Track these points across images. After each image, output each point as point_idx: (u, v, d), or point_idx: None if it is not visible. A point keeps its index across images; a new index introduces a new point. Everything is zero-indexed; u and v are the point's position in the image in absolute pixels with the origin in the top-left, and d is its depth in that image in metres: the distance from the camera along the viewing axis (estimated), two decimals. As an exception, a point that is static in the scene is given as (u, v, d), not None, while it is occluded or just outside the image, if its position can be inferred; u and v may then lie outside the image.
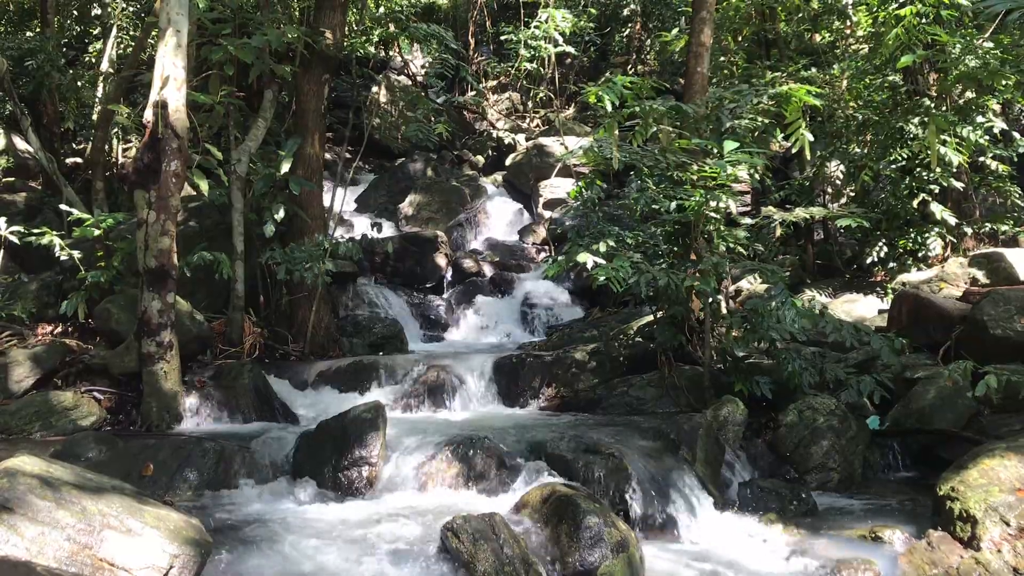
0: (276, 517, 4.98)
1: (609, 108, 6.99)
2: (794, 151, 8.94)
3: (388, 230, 13.98)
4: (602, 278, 6.63)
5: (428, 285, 12.57)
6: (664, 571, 4.60)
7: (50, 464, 3.91)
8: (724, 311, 7.97)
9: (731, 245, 7.74)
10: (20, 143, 14.66)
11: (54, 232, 8.22)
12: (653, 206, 7.55)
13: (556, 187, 15.55)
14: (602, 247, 7.16)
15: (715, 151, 7.29)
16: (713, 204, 7.13)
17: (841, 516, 5.59)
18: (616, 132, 7.59)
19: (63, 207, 9.03)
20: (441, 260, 12.75)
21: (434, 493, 5.48)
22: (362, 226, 13.52)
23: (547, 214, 15.32)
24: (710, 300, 7.47)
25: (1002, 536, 4.31)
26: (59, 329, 8.27)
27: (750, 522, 5.35)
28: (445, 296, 12.54)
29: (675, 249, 7.79)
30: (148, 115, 7.23)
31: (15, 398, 7.07)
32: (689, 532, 5.23)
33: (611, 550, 4.34)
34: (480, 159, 18.65)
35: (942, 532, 4.69)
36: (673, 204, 7.31)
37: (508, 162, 17.07)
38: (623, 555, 4.36)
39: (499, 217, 15.61)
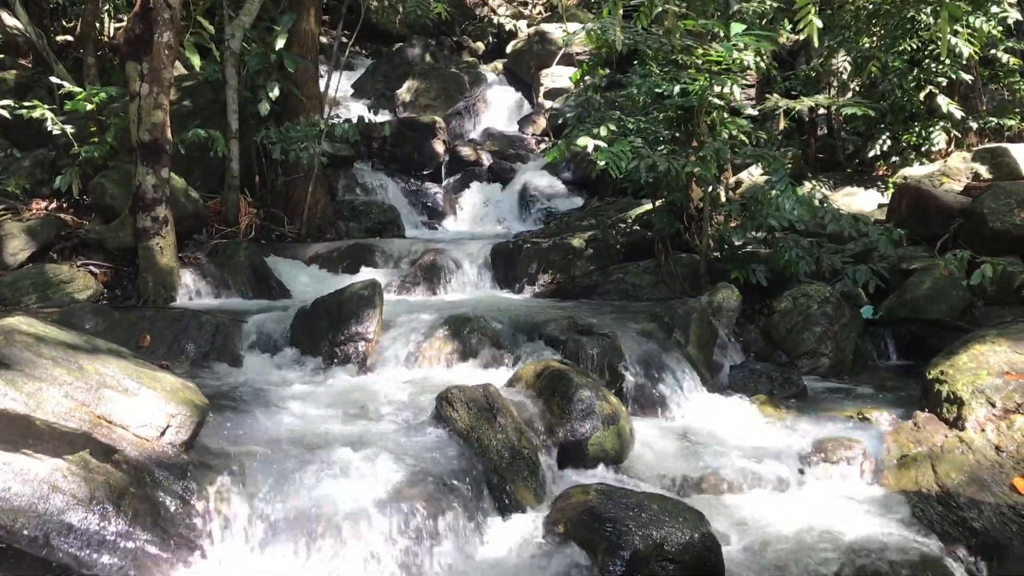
0: (272, 387, 5.04)
1: (615, -16, 6.78)
2: (802, 38, 8.74)
3: (386, 117, 13.75)
4: (602, 163, 6.53)
5: (426, 172, 12.45)
6: (653, 444, 4.69)
7: (46, 326, 3.92)
8: (723, 199, 7.92)
9: (733, 132, 7.63)
10: (8, 19, 14.24)
11: (46, 106, 8.07)
12: (656, 91, 7.41)
13: (558, 76, 15.22)
14: (603, 131, 7.04)
15: (721, 34, 7.11)
16: (718, 89, 7.00)
17: (830, 399, 5.68)
18: (620, 13, 7.38)
19: (54, 79, 8.84)
20: (439, 147, 12.59)
21: (429, 369, 5.55)
22: (359, 112, 13.29)
23: (548, 104, 15.05)
24: (710, 188, 7.42)
25: (987, 416, 4.37)
26: (53, 205, 8.22)
27: (739, 402, 5.43)
28: (443, 184, 12.44)
29: (677, 135, 7.69)
30: (139, -17, 7.01)
31: (11, 270, 7.06)
32: (679, 410, 5.31)
33: (602, 422, 4.41)
34: (480, 46, 18.20)
35: (929, 414, 4.76)
36: (677, 88, 7.16)
37: (509, 49, 16.68)
38: (613, 427, 4.43)
39: (498, 106, 15.33)
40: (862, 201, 9.38)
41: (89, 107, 8.00)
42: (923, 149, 9.71)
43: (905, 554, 3.53)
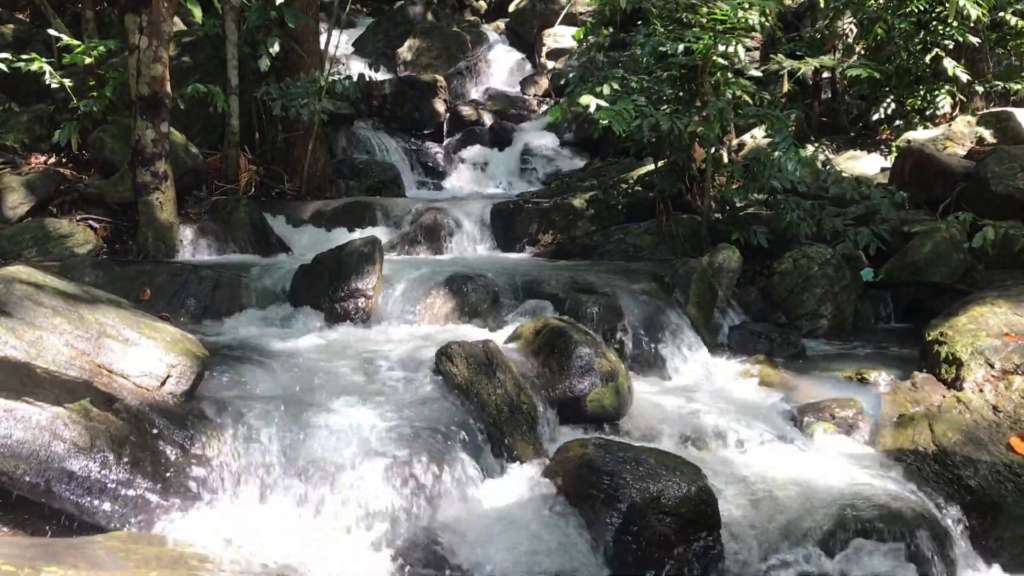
0: (273, 341, 5.04)
1: (619, -59, 6.70)
2: (808, -2, 8.63)
3: (386, 76, 13.65)
4: (604, 121, 6.50)
5: (426, 131, 12.39)
6: (652, 402, 4.70)
7: (46, 275, 3.91)
8: (726, 160, 7.89)
9: (737, 93, 7.57)
10: (5, -28, 14.08)
11: (44, 60, 8.00)
12: (660, 49, 7.34)
13: (561, 36, 15.10)
14: (606, 90, 7.00)
15: (727, -8, 7.03)
16: (722, 49, 6.94)
17: (829, 360, 5.70)
18: (625, -30, 7.31)
19: (52, 32, 8.75)
20: (440, 106, 12.51)
21: (428, 325, 5.55)
22: (359, 70, 13.19)
23: (550, 64, 14.96)
24: (712, 149, 7.38)
25: (985, 377, 4.39)
26: (52, 159, 8.16)
27: (738, 362, 5.46)
28: (443, 143, 12.38)
29: (680, 95, 7.62)
30: (137, -67, 6.90)
31: (10, 224, 7.04)
32: (678, 369, 5.34)
33: (600, 379, 4.42)
34: (482, 4, 18.02)
35: (927, 374, 4.79)
36: (681, 47, 7.09)
37: (511, 8, 16.53)
38: (612, 384, 4.45)
39: (500, 66, 15.25)
40: (865, 165, 9.33)
41: (88, 61, 7.92)
42: (927, 113, 9.63)
43: (900, 510, 3.56)
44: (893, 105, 9.87)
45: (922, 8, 9.43)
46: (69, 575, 2.45)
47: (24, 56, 7.93)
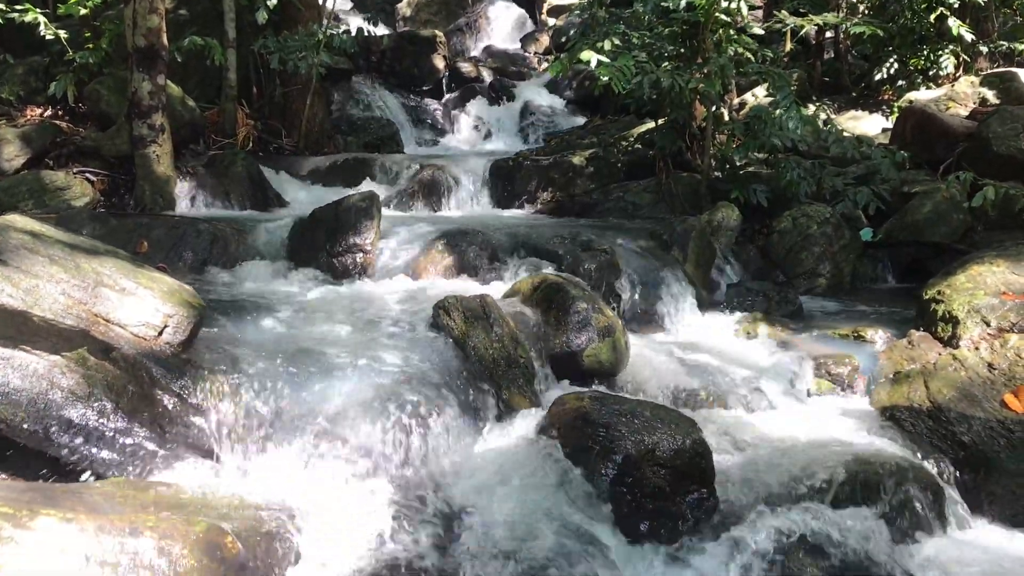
0: (270, 295, 5.05)
1: None
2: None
3: (385, 31, 13.51)
4: (605, 78, 6.45)
5: (425, 88, 12.26)
6: (649, 358, 4.71)
7: (42, 224, 3.89)
8: (726, 118, 7.84)
9: (739, 50, 7.49)
10: (-1, -79, 13.87)
11: (38, 11, 7.91)
12: (662, 4, 7.27)
13: (562, -8, 14.96)
14: (607, 45, 6.92)
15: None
16: (724, 5, 6.87)
17: (826, 318, 5.71)
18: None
19: (47, -17, 8.67)
20: (439, 62, 12.38)
21: (426, 280, 5.53)
22: (358, 25, 13.05)
23: (551, 21, 14.81)
24: (713, 107, 7.33)
25: (981, 335, 4.40)
26: (48, 112, 8.10)
27: (736, 320, 5.46)
28: (443, 100, 12.27)
29: (681, 51, 7.55)
30: None
31: (6, 176, 7.00)
32: (676, 326, 5.36)
33: (598, 334, 4.42)
34: (483, -40, 17.77)
35: (924, 332, 4.79)
36: (683, 2, 7.01)
37: (512, -36, 16.29)
38: (609, 339, 4.45)
39: (501, 23, 15.11)
40: (867, 125, 9.29)
41: (83, 12, 7.85)
42: (931, 73, 9.57)
43: (894, 466, 3.57)
44: (896, 65, 9.81)
45: (928, -34, 9.32)
46: (68, 518, 2.46)
47: (19, 7, 7.84)
